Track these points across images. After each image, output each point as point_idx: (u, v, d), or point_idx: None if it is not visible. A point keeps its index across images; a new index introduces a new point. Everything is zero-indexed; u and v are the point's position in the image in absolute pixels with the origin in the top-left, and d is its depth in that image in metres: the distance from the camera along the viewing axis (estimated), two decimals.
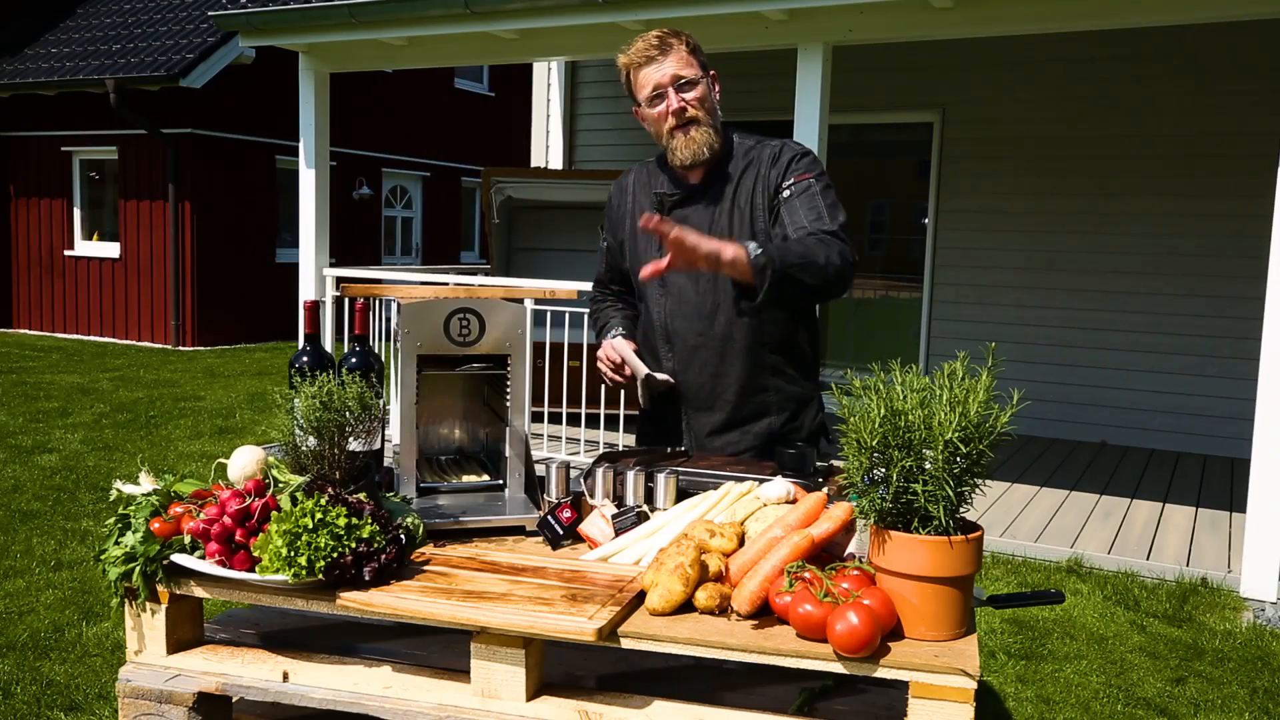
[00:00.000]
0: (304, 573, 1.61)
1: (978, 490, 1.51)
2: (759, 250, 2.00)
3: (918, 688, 1.45)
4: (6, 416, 7.72)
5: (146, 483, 1.88)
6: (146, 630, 1.80)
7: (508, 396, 2.02)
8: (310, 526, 1.62)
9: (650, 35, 2.28)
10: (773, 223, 2.24)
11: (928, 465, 1.48)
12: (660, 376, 2.31)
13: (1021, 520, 5.48)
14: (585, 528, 1.91)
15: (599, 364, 2.40)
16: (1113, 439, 7.58)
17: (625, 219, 2.44)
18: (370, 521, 1.68)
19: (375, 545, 1.66)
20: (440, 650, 1.84)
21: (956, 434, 1.47)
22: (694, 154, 2.25)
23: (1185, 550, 5.02)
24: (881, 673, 1.46)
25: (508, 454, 2.04)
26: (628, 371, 2.35)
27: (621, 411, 7.15)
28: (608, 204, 2.52)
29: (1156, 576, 4.76)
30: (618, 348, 2.37)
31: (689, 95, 2.23)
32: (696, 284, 2.29)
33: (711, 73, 2.31)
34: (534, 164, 9.34)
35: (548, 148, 9.27)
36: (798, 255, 2.05)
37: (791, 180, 2.23)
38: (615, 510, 1.91)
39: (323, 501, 1.65)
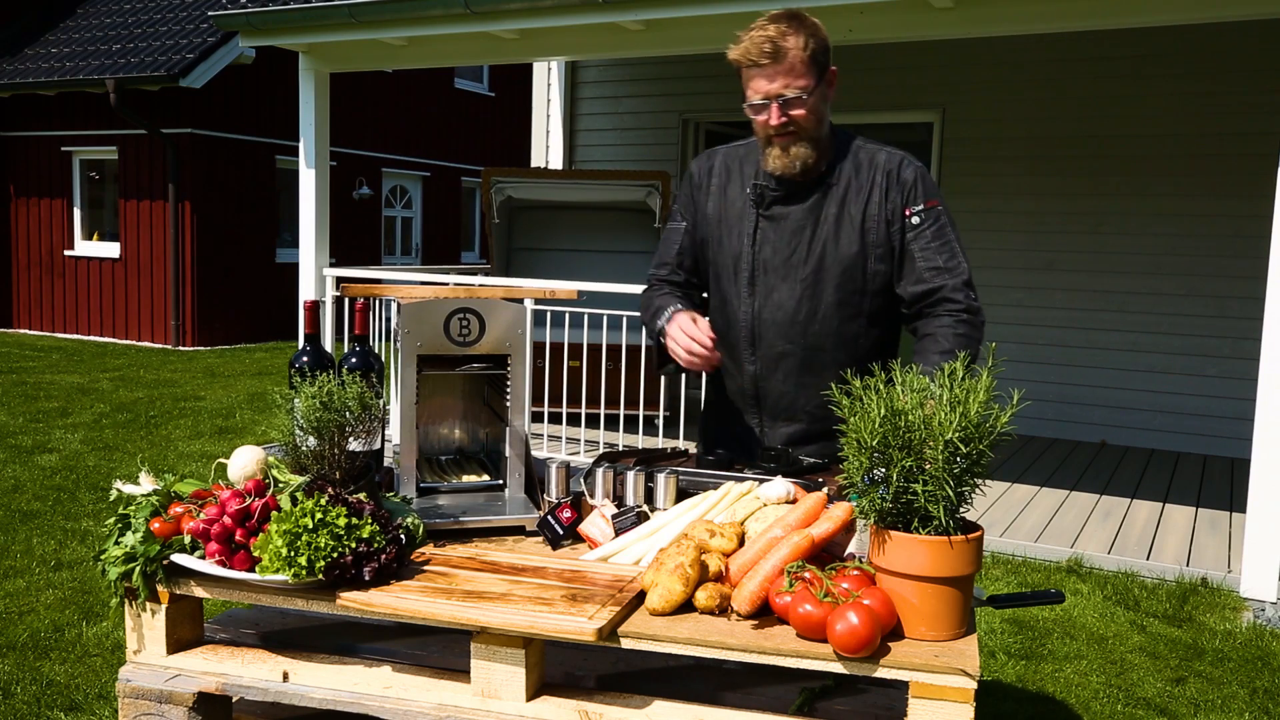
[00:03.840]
0: (304, 573, 1.61)
1: (978, 490, 1.51)
2: None
3: (918, 688, 1.45)
4: (6, 416, 7.72)
5: (146, 483, 1.87)
6: (146, 630, 1.80)
7: (508, 396, 2.02)
8: (310, 526, 1.62)
9: (765, 32, 2.05)
10: (900, 245, 2.15)
11: (928, 465, 1.48)
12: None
13: (1021, 520, 5.48)
14: (585, 528, 1.91)
15: (681, 343, 2.09)
16: (1113, 439, 7.58)
17: (706, 200, 2.28)
18: (370, 521, 1.68)
19: (375, 545, 1.66)
20: (440, 650, 1.84)
21: (956, 434, 1.47)
22: (785, 168, 2.13)
23: (1185, 550, 5.02)
24: (881, 673, 1.46)
25: (508, 454, 2.04)
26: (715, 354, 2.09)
27: (621, 411, 7.15)
28: (687, 180, 2.33)
29: (1156, 576, 4.76)
30: (704, 329, 2.08)
31: (795, 111, 2.07)
32: (792, 288, 2.18)
33: (830, 71, 2.12)
34: (534, 164, 9.34)
35: (548, 148, 9.27)
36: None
37: (921, 206, 2.15)
38: (615, 510, 1.91)
39: (323, 501, 1.65)
